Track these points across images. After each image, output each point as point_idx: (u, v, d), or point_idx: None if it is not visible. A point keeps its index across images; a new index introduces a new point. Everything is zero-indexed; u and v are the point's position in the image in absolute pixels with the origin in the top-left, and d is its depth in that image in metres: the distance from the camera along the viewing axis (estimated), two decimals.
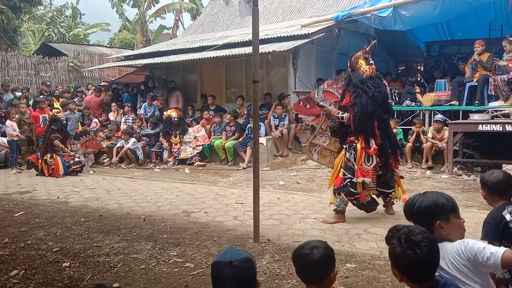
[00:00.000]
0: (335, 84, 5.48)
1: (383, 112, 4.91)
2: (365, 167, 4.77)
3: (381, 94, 4.82)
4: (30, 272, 3.74)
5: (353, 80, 4.90)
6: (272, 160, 9.47)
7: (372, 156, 4.77)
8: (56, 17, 27.71)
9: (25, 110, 10.26)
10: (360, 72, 4.87)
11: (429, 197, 2.05)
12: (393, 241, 1.79)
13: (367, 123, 4.74)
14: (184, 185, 7.64)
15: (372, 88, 4.75)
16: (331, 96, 5.39)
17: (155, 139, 10.57)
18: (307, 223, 5.02)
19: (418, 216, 2.02)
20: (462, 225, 2.06)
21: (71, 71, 16.52)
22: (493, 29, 11.38)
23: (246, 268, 1.72)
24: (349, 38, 12.43)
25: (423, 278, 1.74)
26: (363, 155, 4.76)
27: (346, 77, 5.12)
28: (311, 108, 5.60)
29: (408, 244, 1.72)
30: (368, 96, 4.70)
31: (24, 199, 6.72)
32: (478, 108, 8.16)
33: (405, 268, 1.75)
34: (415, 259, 1.69)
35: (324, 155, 5.56)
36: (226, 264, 1.70)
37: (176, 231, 4.80)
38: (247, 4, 4.43)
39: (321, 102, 5.40)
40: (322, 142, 5.53)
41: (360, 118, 4.71)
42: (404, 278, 1.77)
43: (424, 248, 1.70)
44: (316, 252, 1.90)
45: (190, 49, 11.79)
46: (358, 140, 4.80)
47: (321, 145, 5.55)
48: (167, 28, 27.94)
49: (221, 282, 1.70)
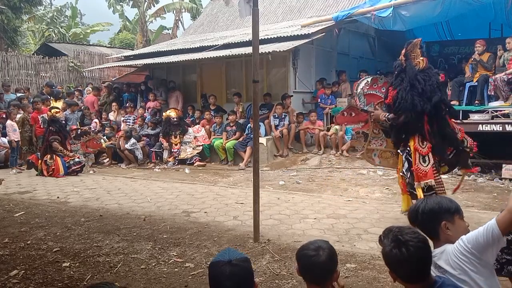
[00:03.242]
0: (375, 84, 5.23)
1: (433, 108, 4.44)
2: (422, 168, 4.46)
3: (432, 87, 4.44)
4: (30, 272, 3.74)
5: (406, 72, 4.52)
6: (272, 160, 9.47)
7: (427, 156, 4.46)
8: (56, 17, 27.70)
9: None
10: (414, 63, 4.55)
11: (433, 200, 2.10)
12: (384, 242, 1.84)
13: (415, 120, 4.44)
14: (184, 185, 7.64)
15: (422, 82, 4.41)
16: (374, 98, 5.18)
17: (155, 139, 10.57)
18: (307, 223, 5.02)
19: (423, 219, 2.04)
20: (467, 227, 2.07)
21: (71, 71, 16.52)
22: (493, 29, 11.38)
23: (244, 267, 1.74)
24: (349, 38, 12.43)
25: (415, 277, 1.77)
26: (416, 156, 4.49)
27: (397, 66, 4.67)
28: (357, 116, 5.41)
29: (395, 243, 1.76)
30: (415, 92, 4.39)
31: (24, 199, 6.72)
32: (478, 108, 8.16)
33: (394, 267, 1.80)
34: (402, 257, 1.73)
35: (386, 157, 5.33)
36: (226, 263, 1.71)
37: (176, 231, 4.80)
38: (247, 4, 4.43)
39: (366, 107, 5.20)
40: (379, 146, 5.32)
41: (406, 116, 4.44)
42: (397, 277, 1.81)
43: (410, 248, 1.73)
44: (322, 253, 1.90)
45: (190, 49, 11.78)
46: (411, 141, 4.55)
47: (379, 149, 5.33)
48: (167, 28, 27.94)
49: (219, 281, 1.71)
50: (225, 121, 10.33)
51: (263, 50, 8.73)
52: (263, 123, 9.76)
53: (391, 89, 4.65)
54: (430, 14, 9.35)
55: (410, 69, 4.51)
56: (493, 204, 5.77)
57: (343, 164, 8.61)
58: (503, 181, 6.98)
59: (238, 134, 9.76)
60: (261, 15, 9.84)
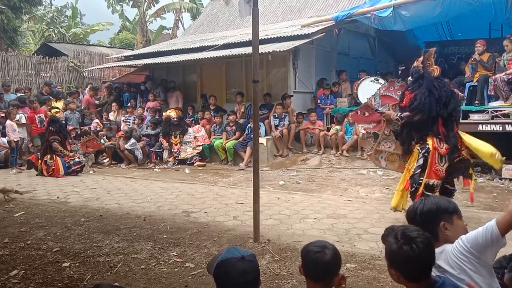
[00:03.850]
0: (392, 86, 5.31)
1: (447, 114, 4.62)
2: (438, 167, 4.54)
3: (446, 93, 4.61)
4: (30, 272, 3.74)
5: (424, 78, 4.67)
6: (272, 160, 9.47)
7: (445, 157, 4.57)
8: (56, 17, 27.71)
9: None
10: (429, 70, 4.72)
11: (431, 200, 2.11)
12: (389, 239, 1.81)
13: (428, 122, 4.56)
14: (184, 185, 7.64)
15: (439, 88, 4.58)
16: (390, 99, 5.22)
17: (155, 139, 10.57)
18: (307, 223, 5.02)
19: (421, 219, 2.04)
20: (465, 227, 2.08)
21: (71, 71, 16.52)
22: (493, 29, 11.39)
23: (255, 263, 1.78)
24: (349, 38, 12.44)
25: (419, 275, 1.76)
26: (436, 155, 4.55)
27: (415, 72, 4.79)
28: (370, 116, 5.42)
29: (405, 239, 1.74)
30: (432, 98, 4.52)
31: (24, 199, 6.72)
32: (478, 108, 8.16)
33: (401, 265, 1.77)
34: (412, 254, 1.71)
35: (392, 160, 5.28)
36: (239, 259, 1.73)
37: (176, 231, 4.80)
38: (247, 4, 4.43)
39: (380, 107, 5.24)
40: (388, 148, 5.26)
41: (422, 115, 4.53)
42: (400, 276, 1.78)
43: (420, 244, 1.72)
44: (327, 252, 1.91)
45: (190, 49, 11.78)
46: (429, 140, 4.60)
47: (387, 151, 5.28)
48: (167, 28, 27.94)
49: (233, 278, 1.71)
50: (225, 121, 10.34)
51: (263, 50, 8.73)
52: (263, 123, 9.76)
53: (408, 93, 4.76)
54: (430, 14, 9.35)
55: (428, 76, 4.69)
56: (493, 204, 5.78)
57: (343, 164, 8.61)
58: (503, 181, 6.98)
59: (238, 134, 9.76)
60: (261, 15, 9.85)
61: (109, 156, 10.63)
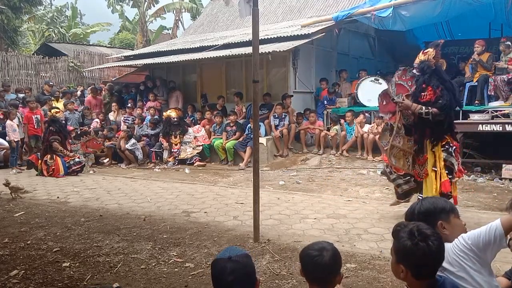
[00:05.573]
0: (404, 75, 4.99)
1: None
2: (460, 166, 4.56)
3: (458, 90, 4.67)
4: (30, 272, 3.74)
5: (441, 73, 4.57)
6: (272, 160, 9.47)
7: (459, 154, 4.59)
8: (56, 17, 27.71)
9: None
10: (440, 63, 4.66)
11: (428, 201, 2.13)
12: (402, 235, 1.78)
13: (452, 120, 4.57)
14: (184, 185, 7.64)
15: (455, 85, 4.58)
16: (402, 89, 4.92)
17: (155, 139, 10.57)
18: (307, 223, 5.02)
19: (419, 219, 2.04)
20: (463, 225, 2.08)
21: (71, 71, 16.53)
22: (493, 29, 11.38)
23: (245, 263, 1.77)
24: (349, 38, 12.43)
25: (430, 273, 1.76)
26: (458, 154, 4.56)
27: (427, 67, 4.58)
28: (387, 105, 5.10)
29: (422, 236, 1.73)
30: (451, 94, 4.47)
31: (24, 199, 6.72)
32: (478, 108, 8.16)
33: (415, 262, 1.73)
34: (428, 251, 1.71)
35: (398, 157, 4.91)
36: (226, 260, 1.75)
37: (176, 231, 4.80)
38: (247, 4, 4.43)
39: (395, 97, 4.89)
40: (398, 143, 4.89)
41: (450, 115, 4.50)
42: (408, 273, 1.75)
43: (435, 241, 1.73)
44: (325, 254, 1.90)
45: (190, 49, 11.78)
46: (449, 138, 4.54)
47: (397, 146, 4.89)
48: (167, 28, 27.97)
49: (222, 278, 1.74)
50: (225, 121, 10.33)
51: (263, 50, 8.73)
52: (263, 123, 9.76)
53: (431, 88, 4.53)
54: (430, 14, 9.35)
55: (442, 71, 4.62)
56: (493, 204, 5.77)
57: (343, 164, 8.62)
58: (503, 181, 6.98)
59: (238, 134, 9.76)
60: (261, 15, 9.85)
61: (109, 156, 10.63)
